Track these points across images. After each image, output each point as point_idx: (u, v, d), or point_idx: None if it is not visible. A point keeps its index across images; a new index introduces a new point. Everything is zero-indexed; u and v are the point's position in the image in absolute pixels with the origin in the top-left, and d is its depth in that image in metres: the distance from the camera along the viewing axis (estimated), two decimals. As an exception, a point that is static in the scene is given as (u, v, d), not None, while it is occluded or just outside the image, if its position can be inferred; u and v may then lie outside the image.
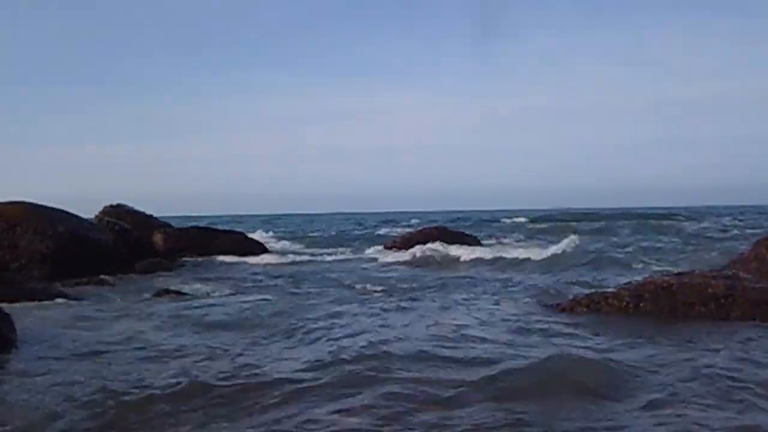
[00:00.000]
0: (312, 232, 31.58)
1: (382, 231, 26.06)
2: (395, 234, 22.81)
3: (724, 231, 23.63)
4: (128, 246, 15.53)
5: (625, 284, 8.55)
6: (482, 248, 17.41)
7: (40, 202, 14.77)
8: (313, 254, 17.93)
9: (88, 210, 17.19)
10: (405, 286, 11.00)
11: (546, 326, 7.04)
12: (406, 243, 18.00)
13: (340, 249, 19.84)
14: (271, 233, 26.31)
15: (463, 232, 20.75)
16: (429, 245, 16.46)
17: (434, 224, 24.33)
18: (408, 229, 24.31)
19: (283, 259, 16.49)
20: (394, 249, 17.76)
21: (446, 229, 20.61)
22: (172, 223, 18.47)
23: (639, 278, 9.15)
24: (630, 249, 16.93)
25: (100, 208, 17.57)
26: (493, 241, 21.43)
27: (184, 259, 15.33)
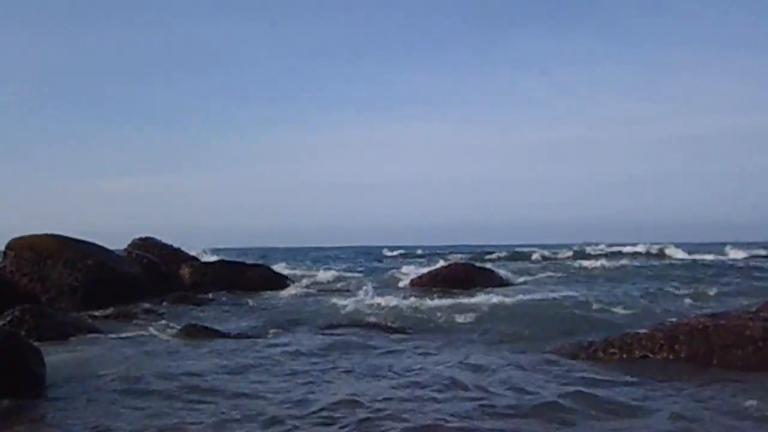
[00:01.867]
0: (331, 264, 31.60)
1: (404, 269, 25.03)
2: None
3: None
4: (156, 279, 15.62)
5: (659, 324, 8.39)
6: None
7: (70, 235, 14.99)
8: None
9: (118, 242, 17.43)
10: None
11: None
12: (431, 281, 17.88)
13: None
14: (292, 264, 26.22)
15: (490, 269, 20.49)
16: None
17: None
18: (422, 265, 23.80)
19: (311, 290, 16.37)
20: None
21: (474, 266, 20.39)
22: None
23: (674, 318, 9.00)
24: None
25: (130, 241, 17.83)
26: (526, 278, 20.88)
27: (211, 294, 15.35)
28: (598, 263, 23.91)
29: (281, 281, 18.00)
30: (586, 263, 24.53)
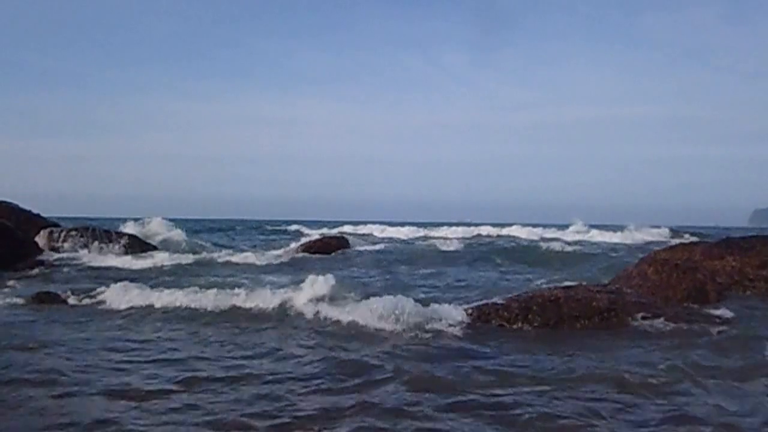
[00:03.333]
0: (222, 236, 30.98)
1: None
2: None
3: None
4: (11, 244, 14.73)
5: (515, 295, 8.71)
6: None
7: None
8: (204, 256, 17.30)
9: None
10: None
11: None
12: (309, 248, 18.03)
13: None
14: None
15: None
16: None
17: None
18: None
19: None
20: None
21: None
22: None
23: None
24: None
25: None
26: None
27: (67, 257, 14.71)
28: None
29: (148, 248, 17.47)
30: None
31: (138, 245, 17.31)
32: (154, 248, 17.79)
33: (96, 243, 16.35)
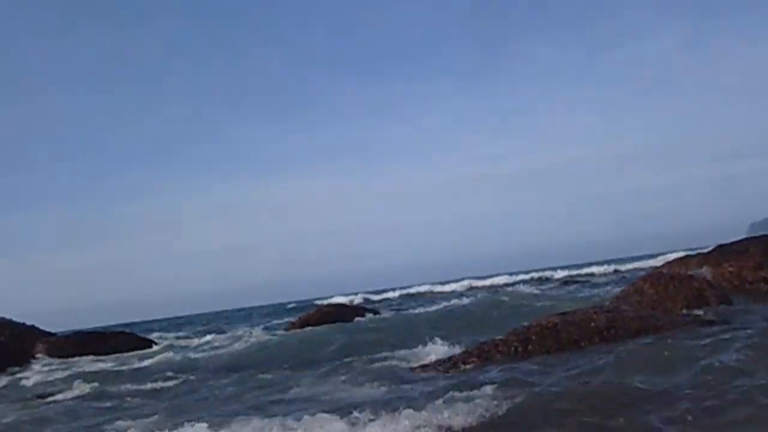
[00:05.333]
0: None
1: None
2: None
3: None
4: (7, 360, 14.57)
5: (514, 330, 8.54)
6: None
7: None
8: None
9: None
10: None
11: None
12: (302, 323, 17.66)
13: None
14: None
15: (364, 307, 20.68)
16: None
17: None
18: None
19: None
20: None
21: (346, 306, 20.50)
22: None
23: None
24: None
25: None
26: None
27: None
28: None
29: (144, 344, 17.24)
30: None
31: (133, 342, 17.10)
32: (151, 343, 17.53)
33: (90, 346, 16.15)
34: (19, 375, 12.75)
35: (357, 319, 17.06)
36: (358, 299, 34.35)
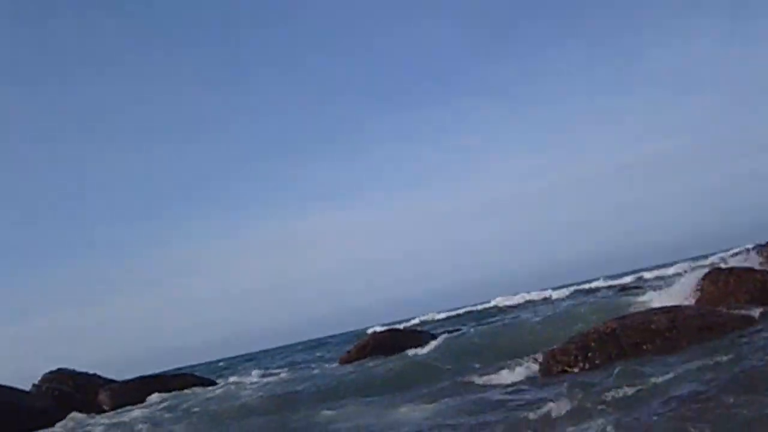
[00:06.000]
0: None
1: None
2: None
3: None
4: (71, 408, 14.78)
5: (571, 338, 8.34)
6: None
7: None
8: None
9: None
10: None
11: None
12: (358, 354, 17.47)
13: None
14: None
15: (417, 331, 20.47)
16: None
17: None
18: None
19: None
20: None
21: (399, 331, 20.29)
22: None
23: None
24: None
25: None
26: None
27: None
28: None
29: (206, 383, 17.38)
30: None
31: (194, 383, 17.21)
32: (212, 383, 17.67)
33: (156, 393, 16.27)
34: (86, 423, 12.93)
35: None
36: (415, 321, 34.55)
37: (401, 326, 27.05)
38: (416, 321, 35.84)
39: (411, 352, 13.47)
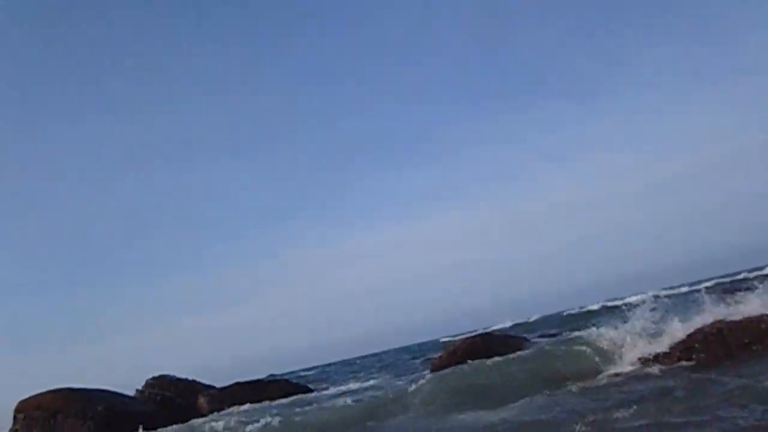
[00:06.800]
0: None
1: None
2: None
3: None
4: (173, 413, 15.26)
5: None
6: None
7: (81, 386, 14.78)
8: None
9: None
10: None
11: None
12: (449, 359, 17.27)
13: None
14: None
15: (510, 335, 20.15)
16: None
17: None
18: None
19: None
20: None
21: (491, 335, 19.97)
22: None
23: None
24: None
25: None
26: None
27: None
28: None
29: (302, 390, 17.64)
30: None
31: (291, 389, 17.49)
32: (308, 390, 17.91)
33: (248, 395, 16.64)
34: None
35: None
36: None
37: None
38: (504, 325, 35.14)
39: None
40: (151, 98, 69.35)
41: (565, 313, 37.42)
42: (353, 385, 17.57)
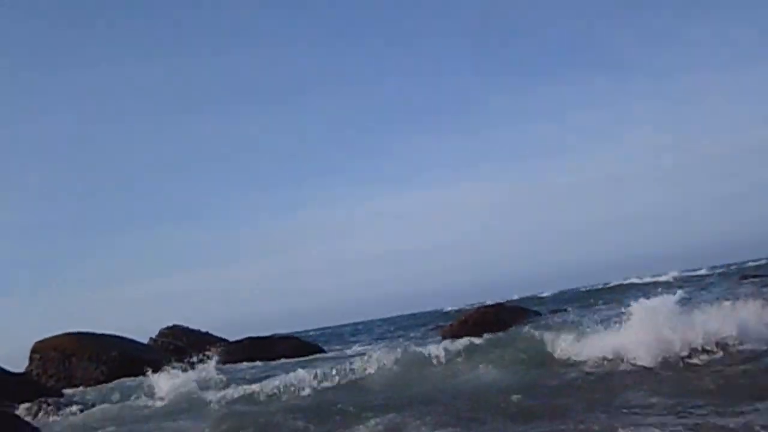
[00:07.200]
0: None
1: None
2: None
3: None
4: (182, 362, 15.49)
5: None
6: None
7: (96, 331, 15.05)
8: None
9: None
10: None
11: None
12: (460, 328, 17.32)
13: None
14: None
15: (521, 308, 20.19)
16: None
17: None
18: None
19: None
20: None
21: (503, 306, 20.02)
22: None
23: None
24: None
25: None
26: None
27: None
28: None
29: (314, 349, 17.82)
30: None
31: (301, 347, 17.65)
32: (321, 350, 18.07)
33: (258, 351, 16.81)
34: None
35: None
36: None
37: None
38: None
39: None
40: (179, 42, 68.93)
41: (583, 290, 37.38)
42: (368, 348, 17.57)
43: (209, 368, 11.50)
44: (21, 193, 60.74)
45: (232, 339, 18.87)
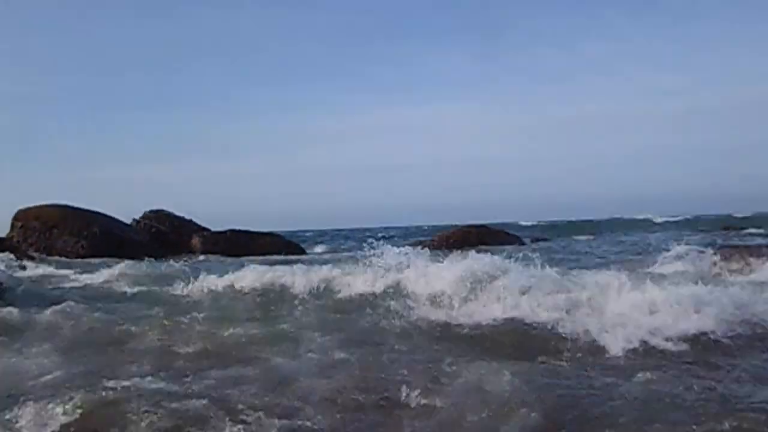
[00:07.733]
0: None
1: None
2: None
3: None
4: (164, 246, 15.59)
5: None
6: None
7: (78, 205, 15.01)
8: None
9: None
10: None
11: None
12: (443, 242, 17.53)
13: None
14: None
15: (505, 231, 20.36)
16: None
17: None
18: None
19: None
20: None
21: (487, 228, 20.15)
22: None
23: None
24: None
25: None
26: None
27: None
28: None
29: (294, 249, 17.95)
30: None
31: (282, 246, 17.75)
32: (302, 251, 18.21)
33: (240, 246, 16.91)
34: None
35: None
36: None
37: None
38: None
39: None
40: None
41: (566, 221, 37.70)
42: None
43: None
44: (19, 64, 59.47)
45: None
